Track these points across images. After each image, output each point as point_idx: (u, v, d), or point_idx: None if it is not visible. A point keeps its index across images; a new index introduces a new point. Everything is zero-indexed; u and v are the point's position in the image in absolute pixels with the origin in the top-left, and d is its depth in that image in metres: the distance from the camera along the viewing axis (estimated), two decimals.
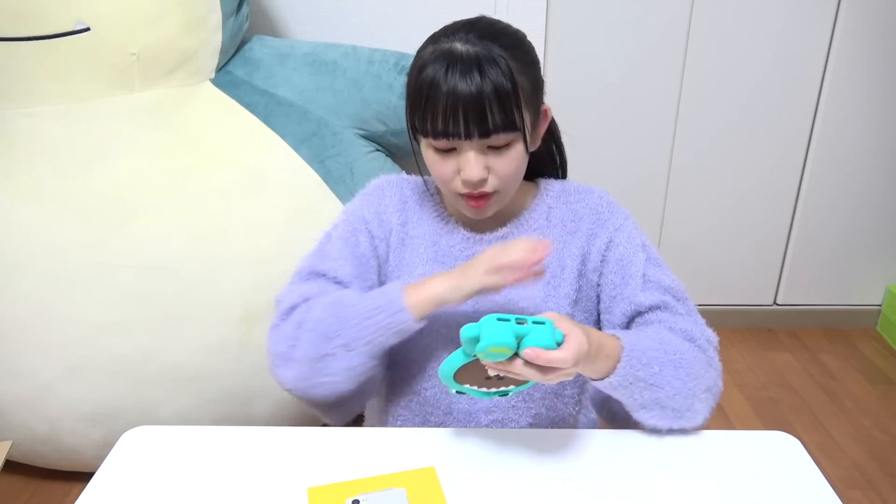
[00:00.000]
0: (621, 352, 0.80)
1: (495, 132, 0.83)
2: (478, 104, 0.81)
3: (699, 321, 0.91)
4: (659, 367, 0.82)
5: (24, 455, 1.64)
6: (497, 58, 0.82)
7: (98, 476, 0.81)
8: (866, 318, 2.41)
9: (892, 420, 1.97)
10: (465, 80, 0.80)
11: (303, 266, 0.96)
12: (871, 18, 2.02)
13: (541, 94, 0.90)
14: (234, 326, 1.50)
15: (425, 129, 0.85)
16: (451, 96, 0.81)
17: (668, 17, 2.04)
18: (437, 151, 0.87)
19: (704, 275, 2.34)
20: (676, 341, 0.85)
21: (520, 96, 0.83)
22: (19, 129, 1.54)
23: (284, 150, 1.61)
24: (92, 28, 1.48)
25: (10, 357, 1.48)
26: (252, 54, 1.73)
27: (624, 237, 0.96)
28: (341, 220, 0.99)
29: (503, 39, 0.85)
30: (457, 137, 0.83)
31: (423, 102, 0.83)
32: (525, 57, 0.87)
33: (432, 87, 0.82)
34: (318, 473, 0.80)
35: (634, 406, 0.84)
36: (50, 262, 1.46)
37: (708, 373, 0.86)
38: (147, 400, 1.51)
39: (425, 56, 0.85)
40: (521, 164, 0.89)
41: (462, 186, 0.87)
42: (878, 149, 2.18)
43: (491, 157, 0.86)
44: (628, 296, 0.92)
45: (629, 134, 2.17)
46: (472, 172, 0.85)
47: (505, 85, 0.81)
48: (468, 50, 0.82)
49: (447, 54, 0.82)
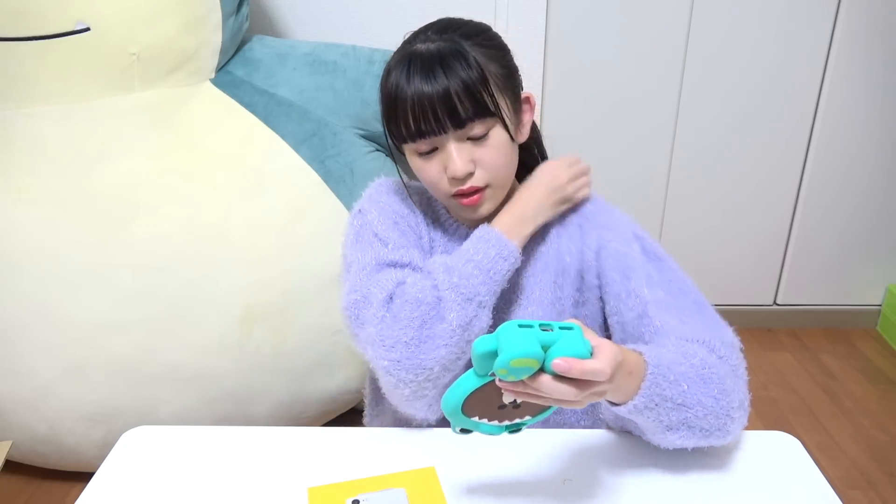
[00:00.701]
0: (646, 368, 0.72)
1: (469, 120, 0.81)
2: (445, 99, 0.80)
3: (711, 319, 0.86)
4: (687, 385, 0.74)
5: (24, 455, 1.64)
6: (460, 49, 0.81)
7: (98, 476, 0.81)
8: (866, 318, 2.41)
9: (892, 420, 1.97)
10: (427, 80, 0.80)
11: (359, 260, 0.87)
12: (871, 18, 2.02)
13: (516, 79, 0.88)
14: (234, 326, 1.50)
15: (401, 134, 0.84)
16: (418, 96, 0.80)
17: (668, 17, 2.04)
18: (420, 156, 0.86)
19: (704, 275, 2.34)
20: (702, 353, 0.79)
21: (489, 81, 0.81)
22: (19, 129, 1.53)
23: (284, 150, 1.61)
24: (92, 28, 1.48)
25: (10, 357, 1.48)
26: (252, 54, 1.73)
27: (614, 232, 0.93)
28: (375, 216, 0.91)
29: (463, 30, 0.84)
30: (432, 134, 0.82)
31: (393, 108, 0.83)
32: (490, 43, 0.85)
33: (398, 91, 0.82)
34: (318, 473, 0.80)
35: (658, 429, 0.76)
36: (50, 262, 1.46)
37: (737, 385, 0.79)
38: (147, 400, 1.51)
39: (390, 63, 0.85)
40: (507, 153, 0.86)
41: (451, 185, 0.85)
42: (878, 149, 2.18)
43: (474, 149, 0.84)
44: (634, 289, 0.88)
45: (629, 134, 2.17)
46: (457, 166, 0.83)
47: (470, 74, 0.80)
48: (428, 47, 0.82)
49: (408, 56, 0.82)
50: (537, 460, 0.82)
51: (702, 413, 0.75)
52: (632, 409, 0.72)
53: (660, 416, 0.74)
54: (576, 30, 2.05)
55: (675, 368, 0.74)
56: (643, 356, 0.73)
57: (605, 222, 0.95)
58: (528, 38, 2.01)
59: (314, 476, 0.79)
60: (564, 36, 2.05)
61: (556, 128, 2.14)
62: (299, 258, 1.54)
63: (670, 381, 0.73)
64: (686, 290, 0.89)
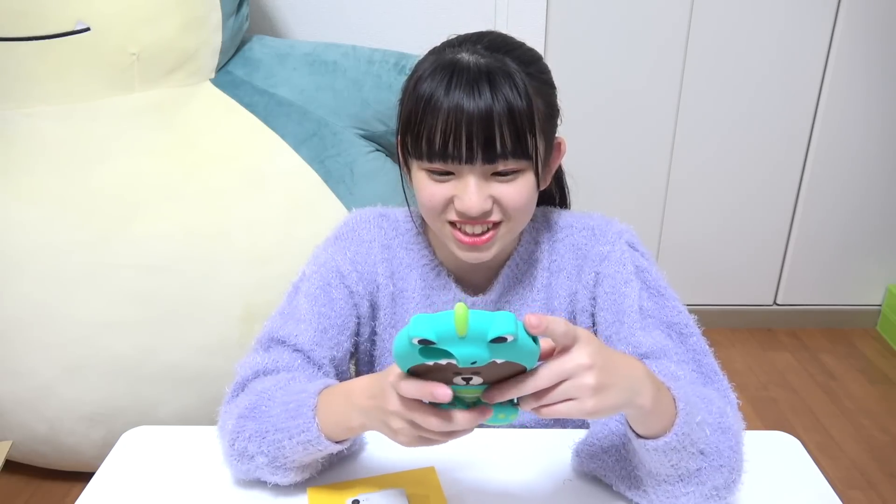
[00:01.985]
0: (675, 403, 0.64)
1: (503, 158, 0.70)
2: (485, 123, 0.69)
3: (710, 371, 0.77)
4: (710, 431, 0.66)
5: (24, 455, 1.64)
6: (511, 72, 0.70)
7: (98, 476, 0.81)
8: (866, 318, 2.41)
9: (892, 420, 1.97)
10: (471, 95, 0.69)
11: (265, 330, 0.83)
12: (871, 18, 2.02)
13: (556, 121, 0.79)
14: (234, 326, 1.50)
15: (419, 150, 0.72)
16: (454, 112, 0.69)
17: (668, 17, 2.04)
18: (429, 175, 0.74)
19: (705, 275, 2.34)
20: (718, 401, 0.71)
21: (535, 119, 0.71)
22: (19, 129, 1.53)
23: (284, 150, 1.61)
24: (92, 28, 1.48)
25: (10, 357, 1.48)
26: (252, 54, 1.73)
27: (612, 267, 0.82)
28: (311, 273, 0.84)
29: (517, 53, 0.74)
30: (457, 161, 0.71)
31: (419, 120, 0.71)
32: (542, 76, 0.76)
33: (431, 102, 0.70)
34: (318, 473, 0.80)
35: (670, 477, 0.67)
36: (50, 262, 1.46)
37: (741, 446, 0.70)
38: (147, 400, 1.51)
39: (424, 68, 0.73)
40: (530, 198, 0.75)
41: (455, 215, 0.75)
42: (879, 149, 2.18)
43: (496, 185, 0.73)
44: (625, 336, 0.78)
45: (629, 134, 2.17)
46: (472, 202, 0.71)
47: (519, 103, 0.69)
48: (476, 60, 0.71)
49: (450, 65, 0.71)
50: (537, 460, 0.82)
51: (717, 464, 0.67)
52: (661, 447, 0.63)
53: (682, 460, 0.65)
54: (576, 30, 2.05)
55: (700, 409, 0.66)
56: (671, 391, 0.65)
57: (603, 254, 0.84)
58: (528, 38, 1.99)
59: (314, 476, 0.79)
60: (564, 36, 2.05)
61: None
62: (299, 258, 1.52)
63: (697, 423, 0.64)
64: (687, 333, 0.79)
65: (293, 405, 0.71)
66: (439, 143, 0.70)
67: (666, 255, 2.31)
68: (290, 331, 0.81)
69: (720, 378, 0.77)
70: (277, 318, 0.83)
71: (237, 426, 0.74)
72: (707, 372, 0.77)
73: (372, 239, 0.86)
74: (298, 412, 0.70)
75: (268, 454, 0.72)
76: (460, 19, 1.97)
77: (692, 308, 0.81)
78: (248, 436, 0.73)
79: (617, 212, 1.78)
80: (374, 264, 0.85)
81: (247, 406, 0.75)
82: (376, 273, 0.85)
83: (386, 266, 0.85)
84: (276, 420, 0.72)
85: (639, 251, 0.84)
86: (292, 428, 0.70)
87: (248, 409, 0.74)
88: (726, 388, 0.76)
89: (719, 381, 0.77)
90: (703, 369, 0.77)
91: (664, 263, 2.72)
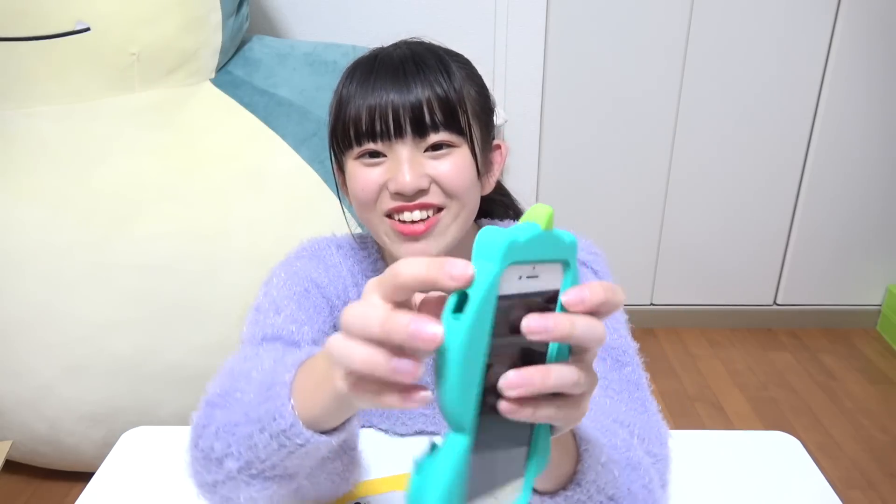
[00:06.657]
0: (577, 447, 0.54)
1: (434, 129, 0.67)
2: (413, 97, 0.67)
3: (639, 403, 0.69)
4: (618, 472, 0.57)
5: (24, 455, 1.64)
6: (439, 55, 0.70)
7: (98, 476, 0.81)
8: (866, 318, 2.41)
9: (892, 420, 1.97)
10: (397, 75, 0.67)
11: (247, 331, 0.76)
12: (871, 18, 2.02)
13: (491, 117, 0.76)
14: (234, 326, 1.49)
15: (348, 136, 0.69)
16: (380, 91, 0.67)
17: (668, 17, 2.04)
18: (361, 162, 0.70)
19: (705, 275, 2.34)
20: (623, 434, 0.63)
21: (465, 99, 0.69)
22: (19, 129, 1.54)
23: (284, 150, 1.61)
24: (92, 28, 1.48)
25: (10, 357, 1.48)
26: (252, 54, 1.73)
27: None
28: (282, 280, 0.78)
29: (444, 50, 0.73)
30: (386, 138, 0.67)
31: (346, 105, 0.69)
32: (470, 70, 0.74)
33: (356, 85, 0.68)
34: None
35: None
36: (51, 262, 1.46)
37: (662, 496, 0.63)
38: (147, 400, 1.51)
39: (347, 69, 0.72)
40: (470, 178, 0.70)
41: (392, 199, 0.69)
42: (878, 149, 2.18)
43: (430, 162, 0.69)
44: None
45: (629, 134, 2.17)
46: (404, 177, 0.67)
47: (445, 79, 0.68)
48: (403, 51, 0.70)
49: (373, 55, 0.71)
50: None
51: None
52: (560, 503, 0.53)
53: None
54: (576, 30, 2.05)
55: (606, 450, 0.56)
56: None
57: None
58: (528, 38, 2.01)
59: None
60: (564, 36, 2.05)
61: (556, 128, 2.14)
62: None
63: (602, 465, 0.55)
64: (624, 361, 0.73)
65: (266, 383, 0.54)
66: (366, 121, 0.67)
67: (666, 255, 2.32)
68: (282, 325, 0.75)
69: (652, 412, 0.70)
70: (256, 323, 0.77)
71: (203, 417, 0.59)
72: (636, 405, 0.70)
73: (338, 263, 0.82)
74: (270, 392, 0.53)
75: (239, 457, 0.55)
76: (460, 19, 1.98)
77: (692, 308, 0.80)
78: (215, 430, 0.56)
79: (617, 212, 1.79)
80: (345, 287, 0.80)
81: (218, 391, 0.60)
82: (348, 293, 0.80)
83: (356, 290, 0.81)
84: (247, 406, 0.54)
85: (589, 267, 0.78)
86: (263, 416, 0.52)
87: (219, 394, 0.59)
88: (659, 424, 0.69)
89: (651, 416, 0.69)
90: (634, 401, 0.70)
91: (664, 263, 2.70)
